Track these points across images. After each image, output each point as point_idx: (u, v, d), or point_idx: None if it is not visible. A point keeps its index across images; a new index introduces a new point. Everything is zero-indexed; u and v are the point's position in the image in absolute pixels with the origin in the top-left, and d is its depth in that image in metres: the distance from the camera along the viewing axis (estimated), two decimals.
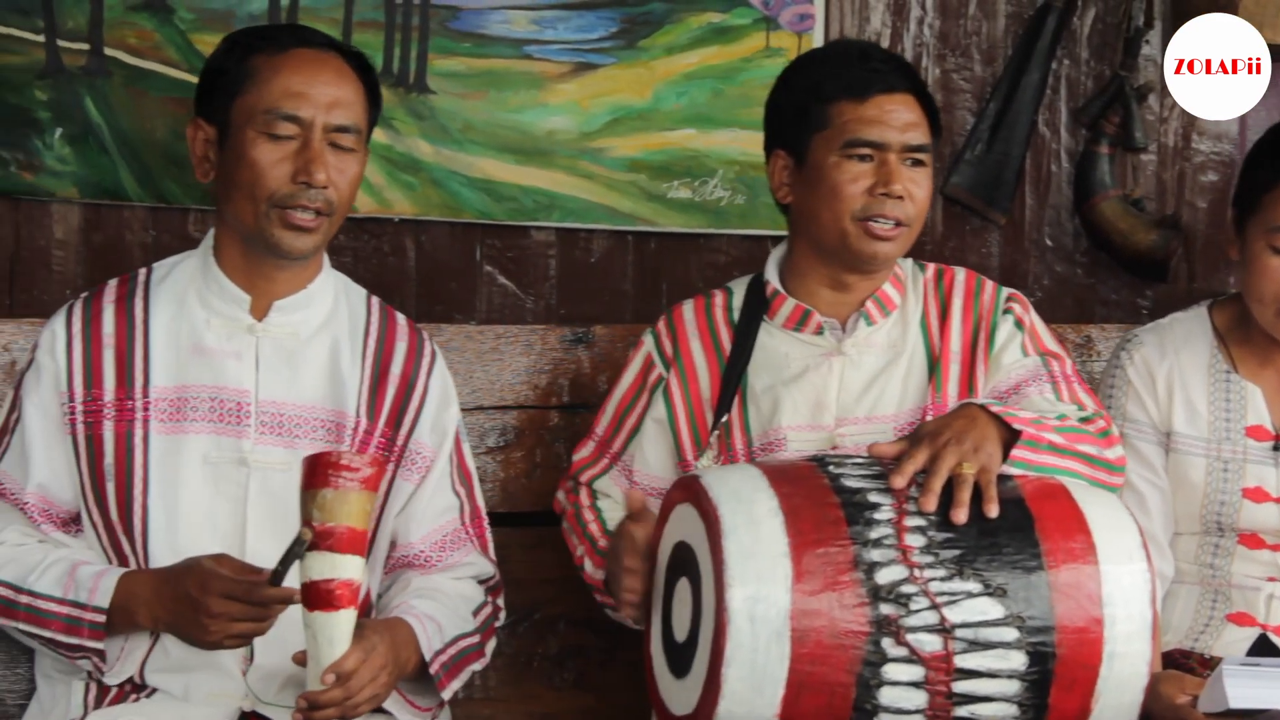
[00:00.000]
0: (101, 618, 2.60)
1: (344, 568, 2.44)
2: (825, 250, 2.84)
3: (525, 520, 3.23)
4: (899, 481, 2.46)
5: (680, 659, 2.50)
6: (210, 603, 2.49)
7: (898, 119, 2.79)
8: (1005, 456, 2.55)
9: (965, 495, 2.44)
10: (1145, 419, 2.98)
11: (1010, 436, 2.57)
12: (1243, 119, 3.63)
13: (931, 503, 2.44)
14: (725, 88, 3.59)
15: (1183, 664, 2.89)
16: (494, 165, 3.51)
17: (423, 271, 3.49)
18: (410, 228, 3.48)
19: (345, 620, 2.47)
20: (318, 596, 2.44)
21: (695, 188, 3.60)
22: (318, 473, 2.43)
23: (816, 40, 3.58)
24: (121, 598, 2.60)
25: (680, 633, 2.51)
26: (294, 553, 2.42)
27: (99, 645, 2.62)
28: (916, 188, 2.79)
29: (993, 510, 2.44)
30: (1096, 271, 3.70)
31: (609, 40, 3.55)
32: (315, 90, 2.69)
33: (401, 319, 2.91)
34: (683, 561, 2.52)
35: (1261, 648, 2.88)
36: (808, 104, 2.81)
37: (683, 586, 2.51)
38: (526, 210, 3.54)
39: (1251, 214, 2.89)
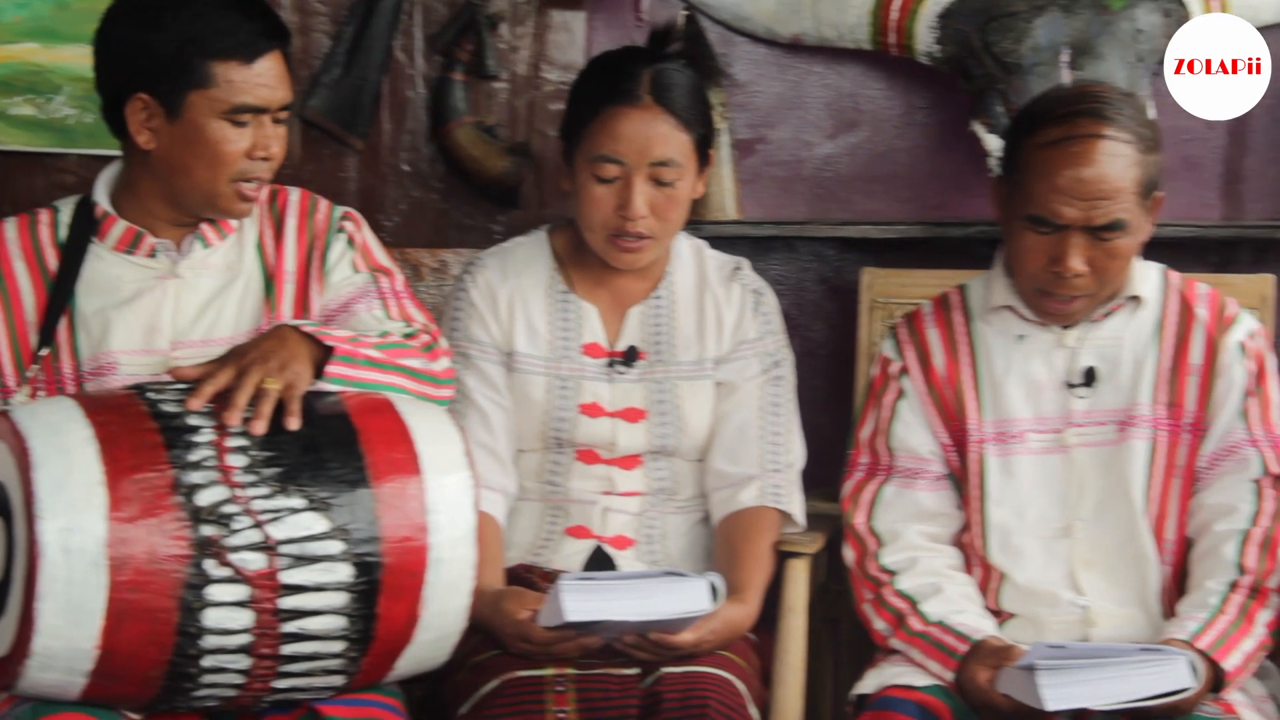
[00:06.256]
0: None
1: None
2: (186, 202, 2.75)
3: None
4: (195, 403, 2.45)
5: None
6: None
7: (274, 80, 2.71)
8: (320, 374, 2.57)
9: (266, 409, 2.46)
10: (488, 339, 3.04)
11: (325, 355, 2.59)
12: (589, 48, 3.73)
13: (235, 418, 2.44)
14: (70, 1, 3.45)
15: (525, 579, 2.96)
16: None
17: None
18: None
19: None
20: None
21: (40, 105, 3.48)
22: None
23: None
24: None
25: None
26: None
27: None
28: (279, 145, 2.75)
29: (293, 424, 2.46)
30: (451, 197, 3.74)
31: None
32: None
33: None
34: None
35: (597, 558, 2.99)
36: (187, 57, 2.65)
37: None
38: None
39: (576, 146, 2.98)
